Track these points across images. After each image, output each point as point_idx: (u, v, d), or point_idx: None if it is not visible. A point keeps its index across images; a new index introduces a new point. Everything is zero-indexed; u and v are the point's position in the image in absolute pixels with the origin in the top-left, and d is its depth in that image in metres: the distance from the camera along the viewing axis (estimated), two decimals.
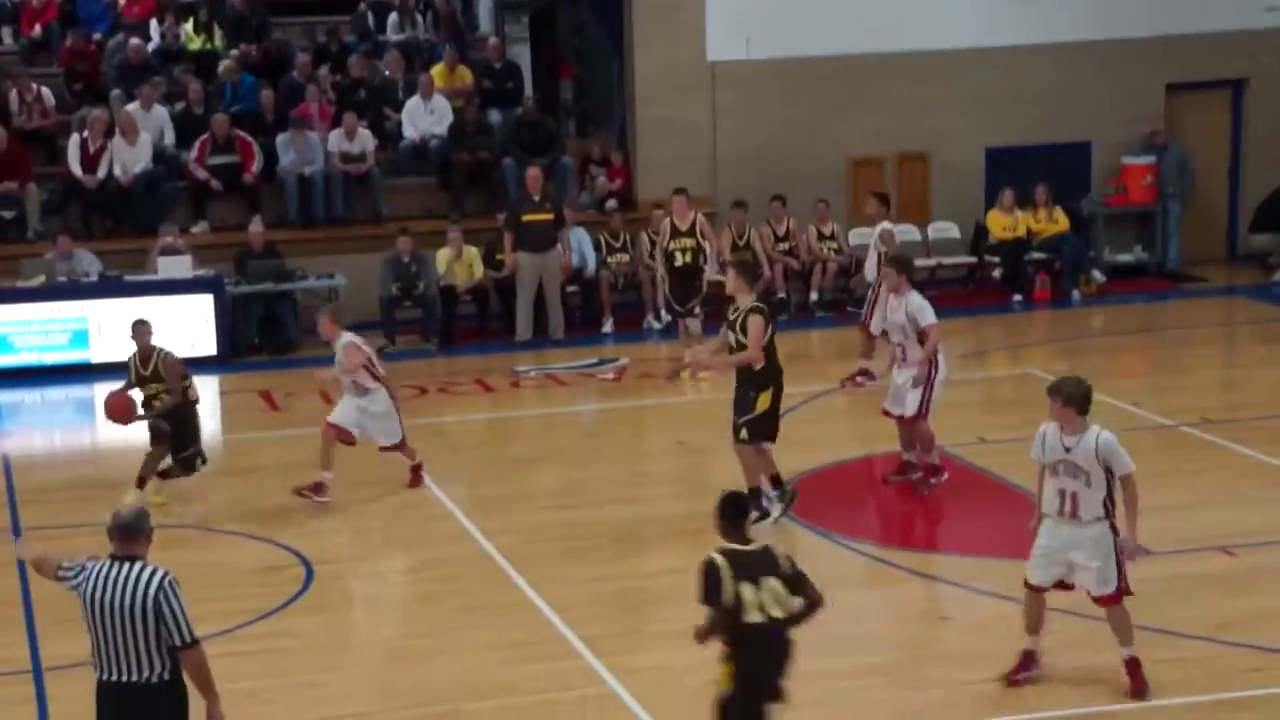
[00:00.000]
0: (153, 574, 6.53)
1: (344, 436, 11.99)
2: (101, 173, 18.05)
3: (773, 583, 6.73)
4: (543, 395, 15.69)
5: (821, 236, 18.82)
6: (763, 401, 11.02)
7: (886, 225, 15.75)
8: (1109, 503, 8.26)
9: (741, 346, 10.95)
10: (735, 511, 6.84)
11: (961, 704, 8.50)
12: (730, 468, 12.71)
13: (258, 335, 17.35)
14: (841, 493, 12.12)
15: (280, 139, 18.53)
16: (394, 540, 11.38)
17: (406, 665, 9.18)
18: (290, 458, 13.41)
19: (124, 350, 12.41)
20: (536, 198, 17.53)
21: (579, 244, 18.23)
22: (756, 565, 6.73)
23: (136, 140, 18.12)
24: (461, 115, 19.03)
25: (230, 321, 17.04)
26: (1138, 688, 8.44)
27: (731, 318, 11.11)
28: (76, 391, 16.13)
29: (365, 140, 18.69)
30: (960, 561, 10.71)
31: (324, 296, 17.69)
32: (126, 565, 6.54)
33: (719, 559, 6.70)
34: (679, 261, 16.35)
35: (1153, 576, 10.25)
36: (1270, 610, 9.74)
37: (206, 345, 16.76)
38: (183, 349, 16.56)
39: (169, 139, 18.62)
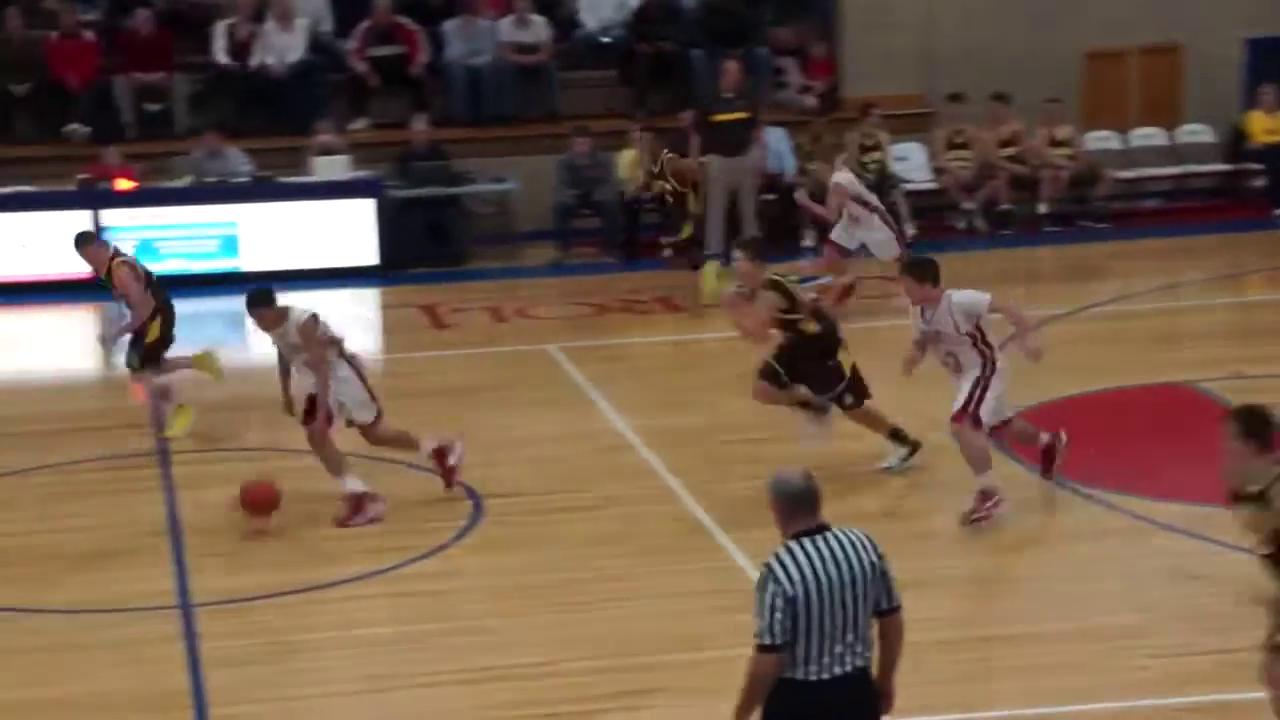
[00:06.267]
0: (862, 537, 6.01)
1: None
2: (253, 62, 18.24)
3: None
4: None
5: (1053, 142, 18.30)
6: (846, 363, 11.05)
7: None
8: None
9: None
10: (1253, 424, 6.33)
11: (1226, 675, 8.20)
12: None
13: (422, 244, 17.36)
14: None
15: (449, 26, 18.50)
16: (570, 474, 11.35)
17: (583, 612, 9.17)
18: (456, 381, 13.52)
19: (273, 258, 12.10)
20: (730, 95, 17.18)
21: (776, 146, 17.97)
22: None
23: (290, 26, 18.27)
24: (646, 1, 18.84)
25: (391, 229, 17.09)
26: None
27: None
28: (225, 304, 16.37)
29: (539, 29, 18.61)
30: (1206, 512, 10.31)
31: (493, 201, 17.73)
32: (831, 536, 5.98)
33: None
34: None
35: None
36: None
37: (366, 254, 16.96)
38: (339, 257, 16.96)
39: (326, 26, 18.73)
